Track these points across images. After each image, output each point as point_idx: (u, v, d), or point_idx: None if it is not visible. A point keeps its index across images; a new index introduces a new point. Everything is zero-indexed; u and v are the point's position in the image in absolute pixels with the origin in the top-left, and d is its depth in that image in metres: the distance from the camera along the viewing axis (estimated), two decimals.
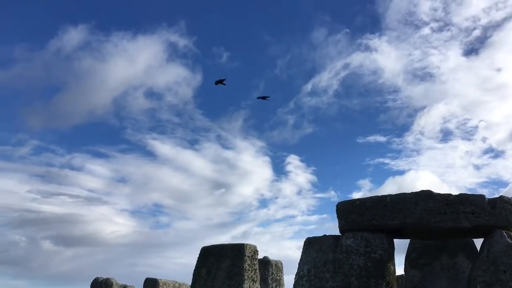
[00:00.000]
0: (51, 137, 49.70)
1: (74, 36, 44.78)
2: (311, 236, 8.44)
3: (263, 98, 19.58)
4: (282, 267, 15.38)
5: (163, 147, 47.14)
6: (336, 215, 8.11)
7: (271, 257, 15.24)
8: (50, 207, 43.15)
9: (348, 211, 7.90)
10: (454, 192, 7.58)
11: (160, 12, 52.96)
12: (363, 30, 51.74)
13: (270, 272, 14.80)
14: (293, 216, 48.46)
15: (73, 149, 49.84)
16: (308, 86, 47.45)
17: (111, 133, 49.99)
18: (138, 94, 46.70)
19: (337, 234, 8.22)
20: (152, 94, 47.48)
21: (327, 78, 46.91)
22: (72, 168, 47.30)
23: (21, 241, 41.08)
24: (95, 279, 17.02)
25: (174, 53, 47.35)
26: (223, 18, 52.27)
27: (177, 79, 46.50)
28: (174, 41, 46.73)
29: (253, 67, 52.05)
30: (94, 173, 45.67)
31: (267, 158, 47.74)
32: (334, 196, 45.16)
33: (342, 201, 8.12)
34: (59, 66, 47.48)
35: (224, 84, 19.19)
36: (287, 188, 47.99)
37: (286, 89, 51.65)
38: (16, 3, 49.38)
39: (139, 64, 47.11)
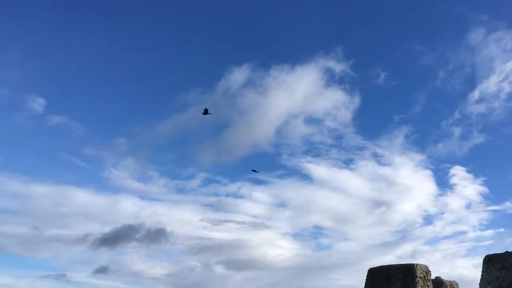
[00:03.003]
0: (216, 169, 54.03)
1: (238, 75, 48.76)
2: (490, 253, 7.63)
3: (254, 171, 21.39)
4: None
5: (318, 169, 47.74)
6: None
7: (444, 277, 14.12)
8: (220, 234, 46.78)
9: None
10: None
11: (317, 42, 55.05)
12: None
13: None
14: (463, 232, 44.55)
15: (235, 179, 53.38)
16: (475, 94, 43.80)
17: (268, 161, 52.41)
18: (298, 122, 48.37)
19: None
20: (311, 120, 48.76)
21: (496, 82, 42.72)
22: (236, 196, 50.70)
23: (197, 267, 44.91)
24: None
25: (331, 79, 48.38)
26: (376, 38, 51.95)
27: (336, 104, 47.08)
28: (331, 67, 47.66)
29: (411, 82, 50.33)
30: (256, 200, 48.29)
31: (428, 172, 45.07)
32: (511, 208, 40.25)
33: None
34: (226, 105, 51.86)
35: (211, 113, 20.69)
36: (454, 202, 44.49)
37: (449, 99, 48.52)
38: (189, 53, 55.63)
39: (298, 93, 49.10)
